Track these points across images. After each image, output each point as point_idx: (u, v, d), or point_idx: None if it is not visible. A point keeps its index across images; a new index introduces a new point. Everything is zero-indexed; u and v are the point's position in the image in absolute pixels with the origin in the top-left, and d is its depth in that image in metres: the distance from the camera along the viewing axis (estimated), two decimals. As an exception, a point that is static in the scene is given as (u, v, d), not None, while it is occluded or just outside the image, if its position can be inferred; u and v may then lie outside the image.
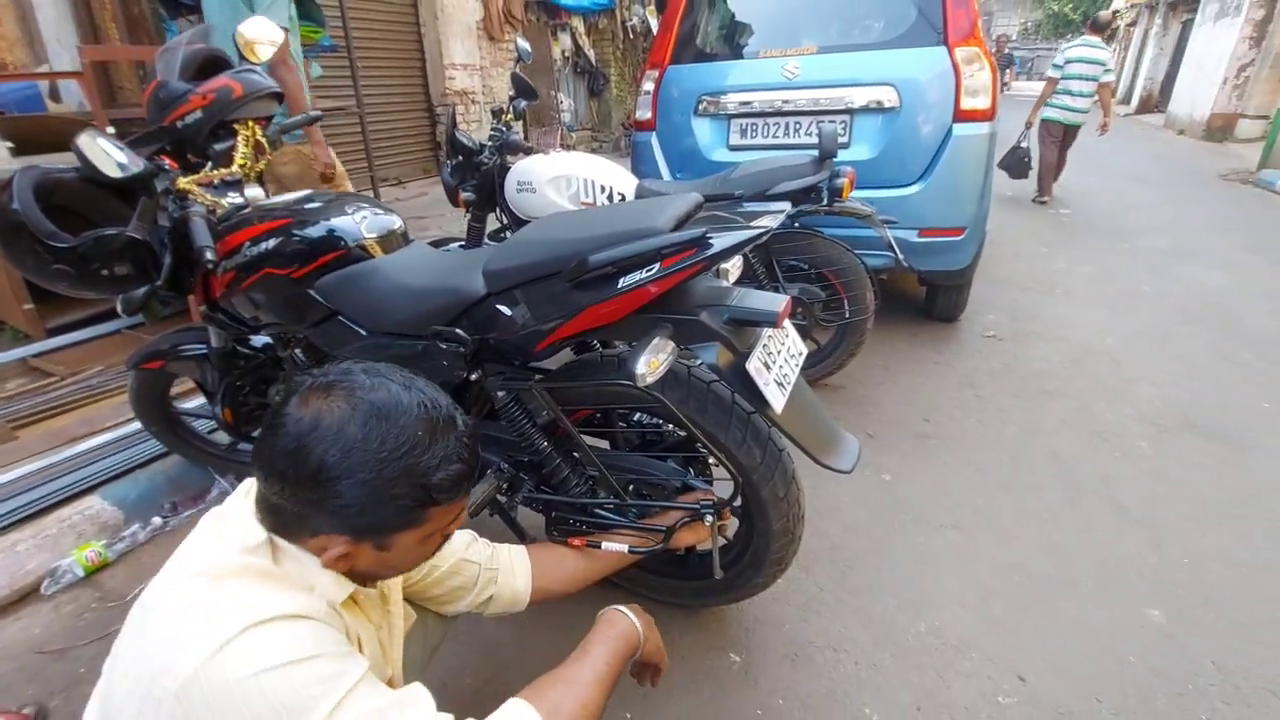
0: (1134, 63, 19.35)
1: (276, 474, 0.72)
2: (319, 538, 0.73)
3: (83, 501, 2.07)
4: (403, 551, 0.78)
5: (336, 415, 0.71)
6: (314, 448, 0.70)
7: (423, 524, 0.76)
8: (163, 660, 0.63)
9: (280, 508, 0.74)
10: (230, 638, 0.63)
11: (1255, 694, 1.43)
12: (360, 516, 0.72)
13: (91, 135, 1.26)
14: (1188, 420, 2.53)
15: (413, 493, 0.73)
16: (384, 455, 0.71)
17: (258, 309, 1.57)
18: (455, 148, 2.73)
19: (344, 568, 0.76)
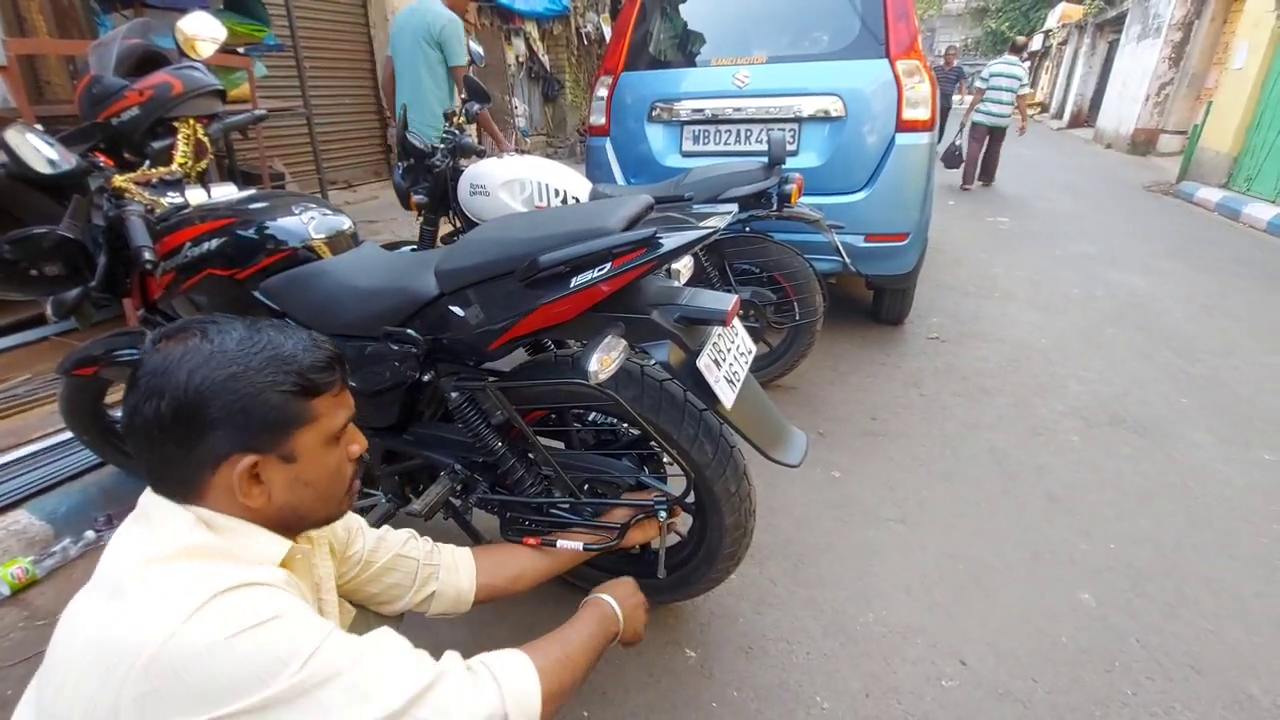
0: (1065, 80, 20.43)
1: (152, 430, 0.70)
2: (219, 471, 0.72)
3: (8, 516, 1.96)
4: (311, 461, 0.77)
5: (186, 346, 0.71)
6: (173, 378, 0.69)
7: (313, 419, 0.76)
8: (125, 639, 0.62)
9: (174, 467, 0.72)
10: (196, 607, 0.63)
11: (1176, 668, 1.53)
12: (245, 422, 0.71)
13: (20, 130, 1.21)
14: (1113, 414, 2.69)
15: (287, 379, 0.73)
16: (240, 359, 0.72)
17: (199, 312, 1.52)
18: (407, 149, 2.70)
19: (260, 499, 0.74)
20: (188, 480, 0.72)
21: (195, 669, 0.61)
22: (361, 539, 1.06)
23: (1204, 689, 1.48)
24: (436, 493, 1.36)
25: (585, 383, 1.07)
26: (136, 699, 0.60)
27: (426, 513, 1.33)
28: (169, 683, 0.60)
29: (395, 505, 1.53)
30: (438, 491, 1.36)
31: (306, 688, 0.65)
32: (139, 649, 0.60)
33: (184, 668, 0.61)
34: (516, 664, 0.85)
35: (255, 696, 0.62)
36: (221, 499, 0.73)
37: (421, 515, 1.33)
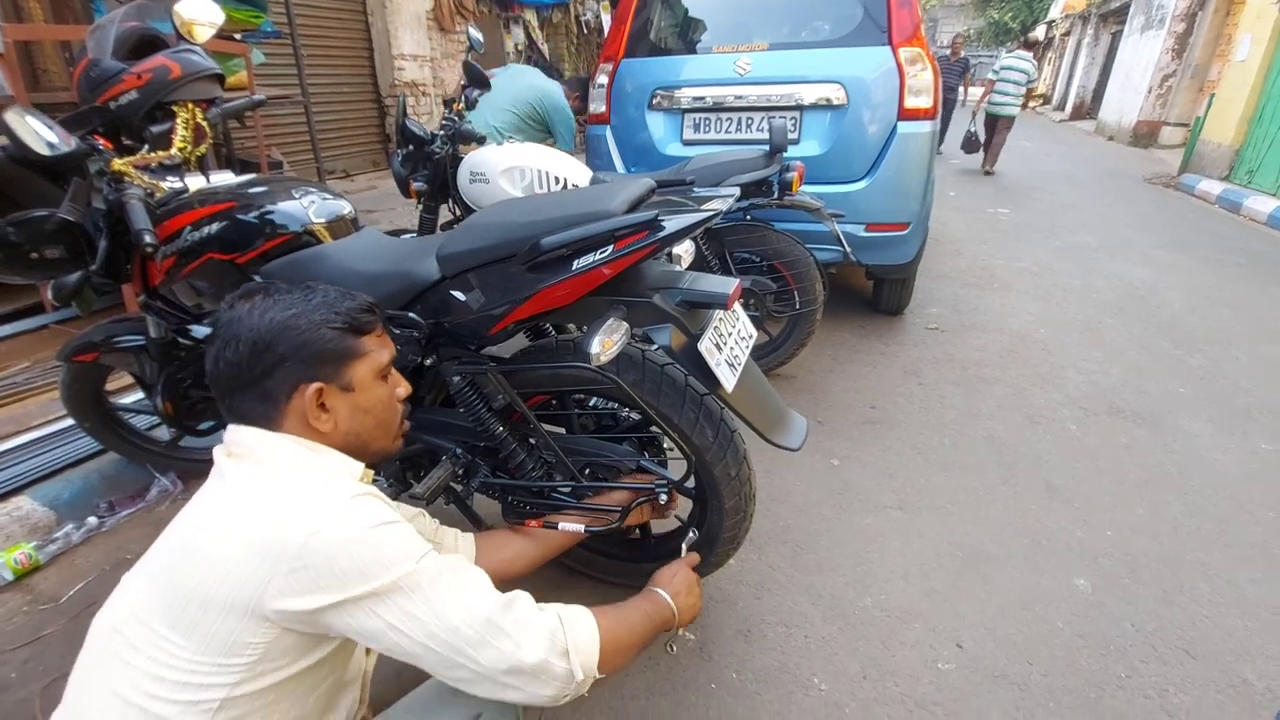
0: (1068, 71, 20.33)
1: (235, 370, 0.83)
2: (293, 399, 0.85)
3: (10, 502, 1.96)
4: (366, 390, 0.90)
5: (252, 303, 0.87)
6: (246, 323, 0.84)
7: (363, 353, 0.90)
8: (281, 528, 0.74)
9: (255, 401, 0.85)
10: (340, 504, 0.77)
11: (1170, 652, 1.55)
12: (308, 354, 0.85)
13: (19, 112, 1.21)
14: (1111, 404, 2.70)
15: (337, 318, 0.87)
16: (299, 304, 0.87)
17: (200, 296, 1.52)
18: (406, 137, 2.69)
19: (328, 423, 0.87)
20: (268, 411, 0.85)
21: (339, 553, 0.74)
22: None
23: (1198, 673, 1.49)
24: (438, 476, 1.36)
25: (587, 366, 1.07)
26: (288, 573, 0.72)
27: (429, 496, 1.34)
28: (317, 561, 0.73)
29: (397, 489, 1.53)
30: (439, 475, 1.36)
31: (420, 580, 0.77)
32: (295, 534, 0.73)
33: (330, 552, 0.73)
34: (580, 613, 0.91)
35: (382, 580, 0.75)
36: (297, 425, 0.86)
37: (424, 498, 1.33)
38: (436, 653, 0.78)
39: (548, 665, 0.82)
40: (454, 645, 0.78)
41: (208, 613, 0.72)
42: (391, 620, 0.76)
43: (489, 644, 0.79)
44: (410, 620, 0.76)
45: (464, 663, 0.78)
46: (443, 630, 0.77)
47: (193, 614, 0.73)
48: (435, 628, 0.77)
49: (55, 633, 1.62)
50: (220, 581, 0.72)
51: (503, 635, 0.80)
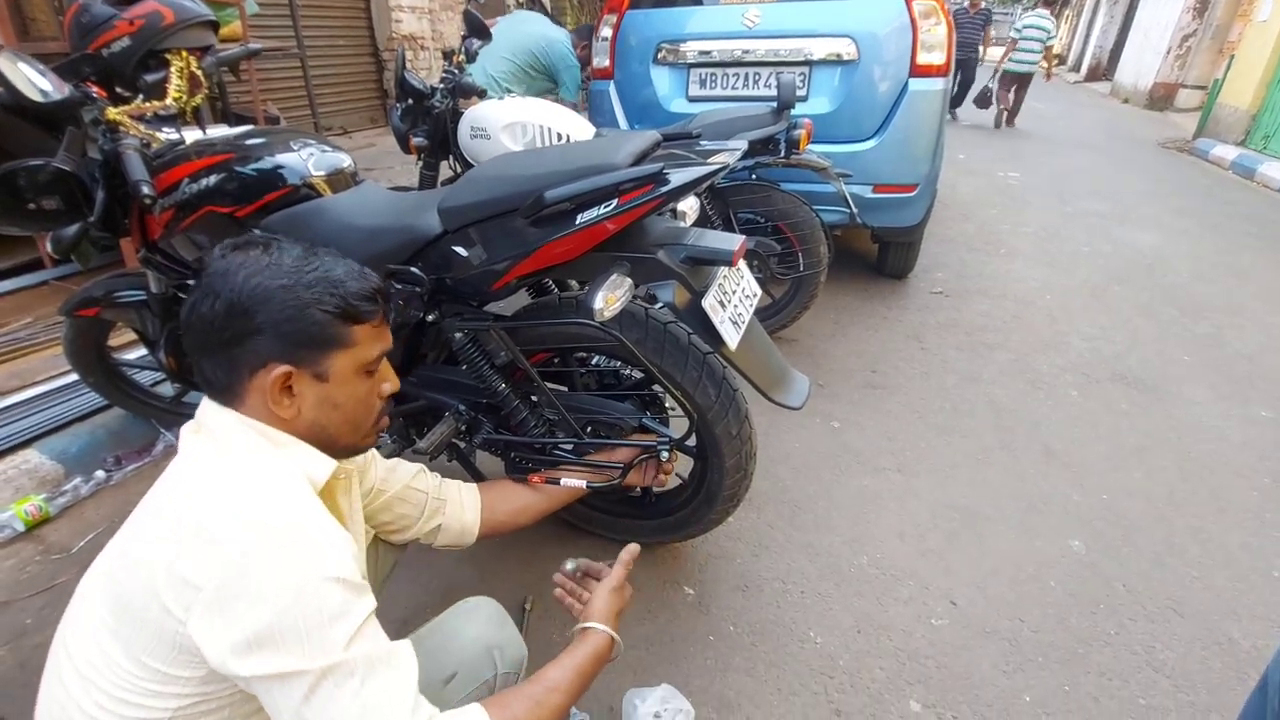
0: (1085, 30, 19.73)
1: (207, 327, 0.74)
2: (256, 376, 0.75)
3: (18, 456, 1.99)
4: (342, 384, 0.80)
5: (247, 255, 0.76)
6: (230, 280, 0.74)
7: (350, 343, 0.79)
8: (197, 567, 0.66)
9: (219, 368, 0.76)
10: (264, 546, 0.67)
11: (1159, 611, 1.58)
12: (288, 332, 0.75)
13: (10, 57, 1.18)
14: (1114, 371, 2.70)
15: (332, 300, 0.77)
16: (293, 273, 0.76)
17: (200, 251, 1.51)
18: (405, 90, 2.63)
19: (289, 410, 0.77)
20: (230, 383, 0.77)
21: (249, 613, 0.65)
22: (374, 469, 1.09)
23: (1185, 630, 1.53)
24: (441, 432, 1.37)
25: (590, 322, 1.07)
26: (200, 616, 0.65)
27: (431, 451, 1.35)
28: (245, 592, 0.65)
29: (401, 445, 1.55)
30: (442, 431, 1.38)
31: (350, 670, 0.67)
32: (211, 578, 0.65)
33: (258, 591, 0.65)
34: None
35: (312, 662, 0.66)
36: (257, 405, 0.77)
37: (427, 454, 1.34)
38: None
39: None
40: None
41: (145, 628, 0.67)
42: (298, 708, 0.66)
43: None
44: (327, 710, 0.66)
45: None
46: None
47: (132, 627, 0.68)
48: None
49: (68, 582, 1.66)
50: (154, 594, 0.66)
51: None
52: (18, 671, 1.43)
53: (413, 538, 1.15)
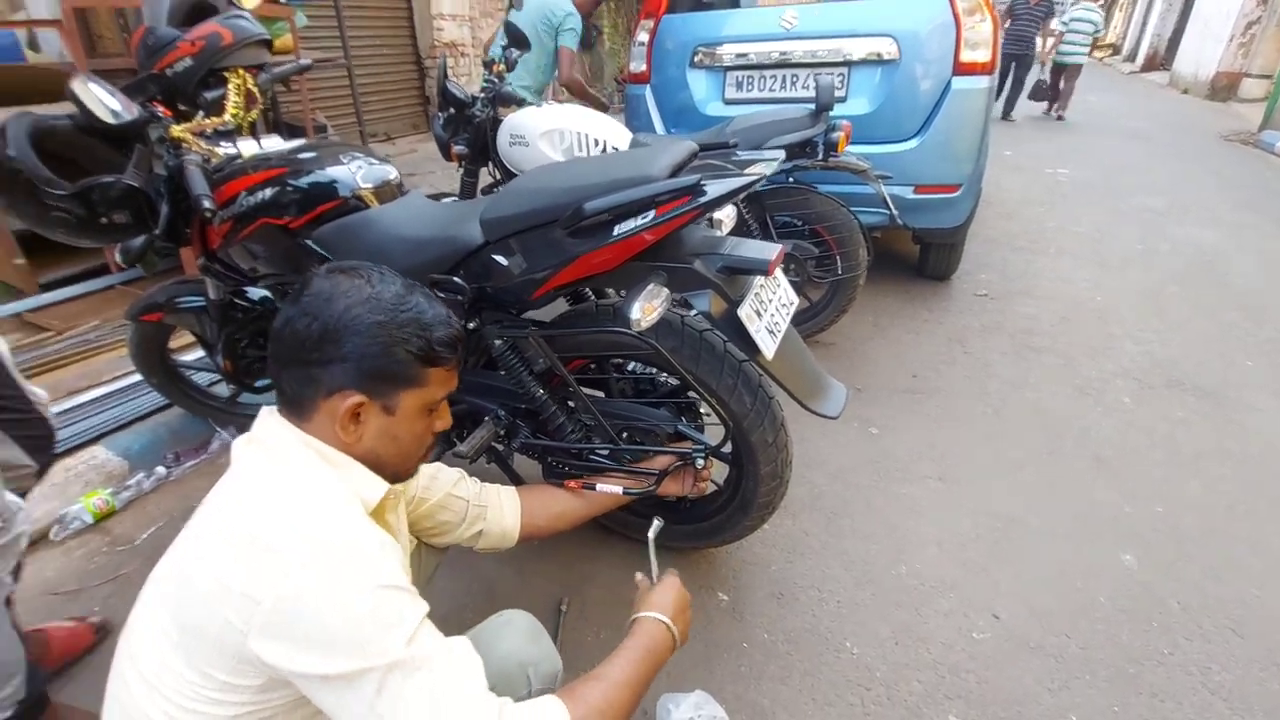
0: (1141, 18, 18.90)
1: (297, 343, 0.78)
2: (331, 398, 0.79)
3: (87, 452, 2.10)
4: (406, 420, 0.83)
5: (352, 283, 0.81)
6: (332, 305, 0.78)
7: (423, 384, 0.83)
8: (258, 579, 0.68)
9: (298, 383, 0.80)
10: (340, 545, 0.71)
11: (1216, 631, 1.52)
12: (371, 365, 0.78)
13: (84, 81, 1.25)
14: (1170, 376, 2.59)
15: (418, 343, 0.80)
16: (390, 310, 0.80)
17: (255, 260, 1.58)
18: (447, 99, 2.69)
19: (352, 436, 0.81)
20: (303, 399, 0.80)
21: (325, 609, 0.68)
22: (416, 478, 1.12)
23: (1243, 651, 1.46)
24: (481, 436, 1.41)
25: (627, 331, 1.09)
26: (261, 628, 0.67)
27: (472, 455, 1.38)
28: (302, 610, 0.67)
29: (442, 448, 1.59)
30: (482, 435, 1.41)
31: (417, 664, 0.70)
32: (270, 591, 0.67)
33: (315, 605, 0.68)
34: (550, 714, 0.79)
35: (372, 660, 0.68)
36: (322, 425, 0.80)
37: (467, 457, 1.38)
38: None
39: None
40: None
41: (207, 642, 0.69)
42: (372, 702, 0.68)
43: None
44: (400, 704, 0.68)
45: None
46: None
47: (195, 641, 0.70)
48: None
49: (133, 572, 1.75)
50: (214, 614, 0.69)
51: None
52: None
53: (454, 542, 1.19)
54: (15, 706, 1.10)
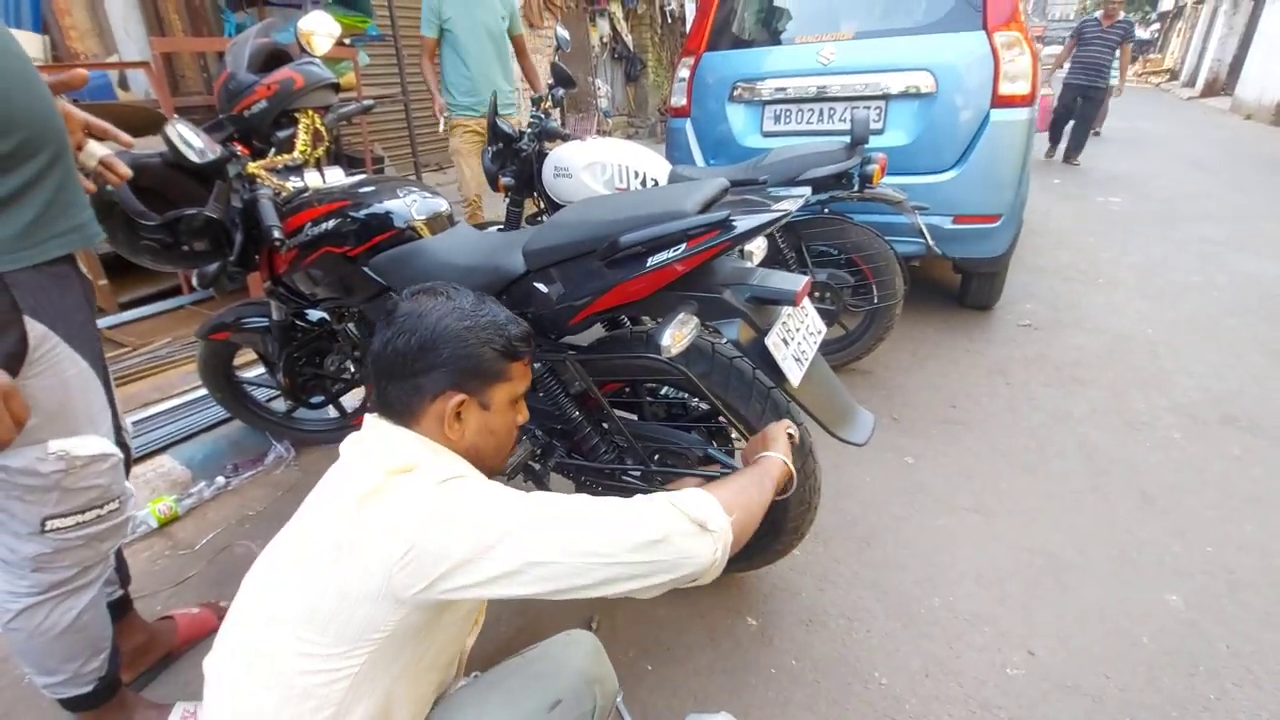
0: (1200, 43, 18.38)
1: (399, 358, 0.90)
2: (436, 401, 0.90)
3: (155, 460, 2.26)
4: (499, 413, 0.96)
5: (435, 300, 0.94)
6: (424, 320, 0.91)
7: (508, 378, 0.96)
8: (390, 522, 0.79)
9: (404, 392, 0.91)
10: (431, 489, 0.82)
11: (1269, 677, 1.45)
12: (465, 366, 0.91)
13: (175, 123, 1.40)
14: (1225, 413, 2.50)
15: (498, 341, 0.93)
16: (472, 316, 0.93)
17: (316, 285, 1.70)
18: (496, 134, 2.84)
19: (457, 433, 0.91)
20: (411, 405, 0.91)
21: (444, 531, 0.78)
22: None
23: (1300, 702, 1.40)
24: (518, 455, 1.47)
25: (658, 357, 1.14)
26: (402, 566, 0.77)
27: (510, 472, 1.45)
28: (427, 548, 0.78)
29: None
30: (519, 454, 1.47)
31: (530, 519, 0.81)
32: (403, 529, 0.78)
33: (435, 533, 0.78)
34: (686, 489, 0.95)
35: (492, 535, 0.79)
36: (430, 426, 0.91)
37: (505, 474, 1.44)
38: (565, 566, 0.80)
39: (673, 529, 0.85)
40: (581, 551, 0.80)
41: (343, 604, 0.78)
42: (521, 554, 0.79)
43: (609, 535, 0.82)
44: (538, 549, 0.80)
45: (595, 564, 0.81)
46: (570, 542, 0.81)
47: (329, 606, 0.78)
48: (564, 543, 0.81)
49: (194, 576, 1.87)
50: (352, 580, 0.78)
51: (618, 524, 0.83)
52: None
53: None
54: (96, 682, 1.20)
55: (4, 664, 1.55)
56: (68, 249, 0.98)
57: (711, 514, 0.89)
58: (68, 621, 1.11)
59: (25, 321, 0.91)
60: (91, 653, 1.18)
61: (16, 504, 1.00)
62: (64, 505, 1.02)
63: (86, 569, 1.12)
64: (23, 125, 0.89)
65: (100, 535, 1.10)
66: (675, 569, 0.85)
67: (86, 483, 1.04)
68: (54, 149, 0.95)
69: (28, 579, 1.06)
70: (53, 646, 1.12)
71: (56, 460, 0.98)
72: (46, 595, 1.08)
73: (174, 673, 1.55)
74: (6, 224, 0.88)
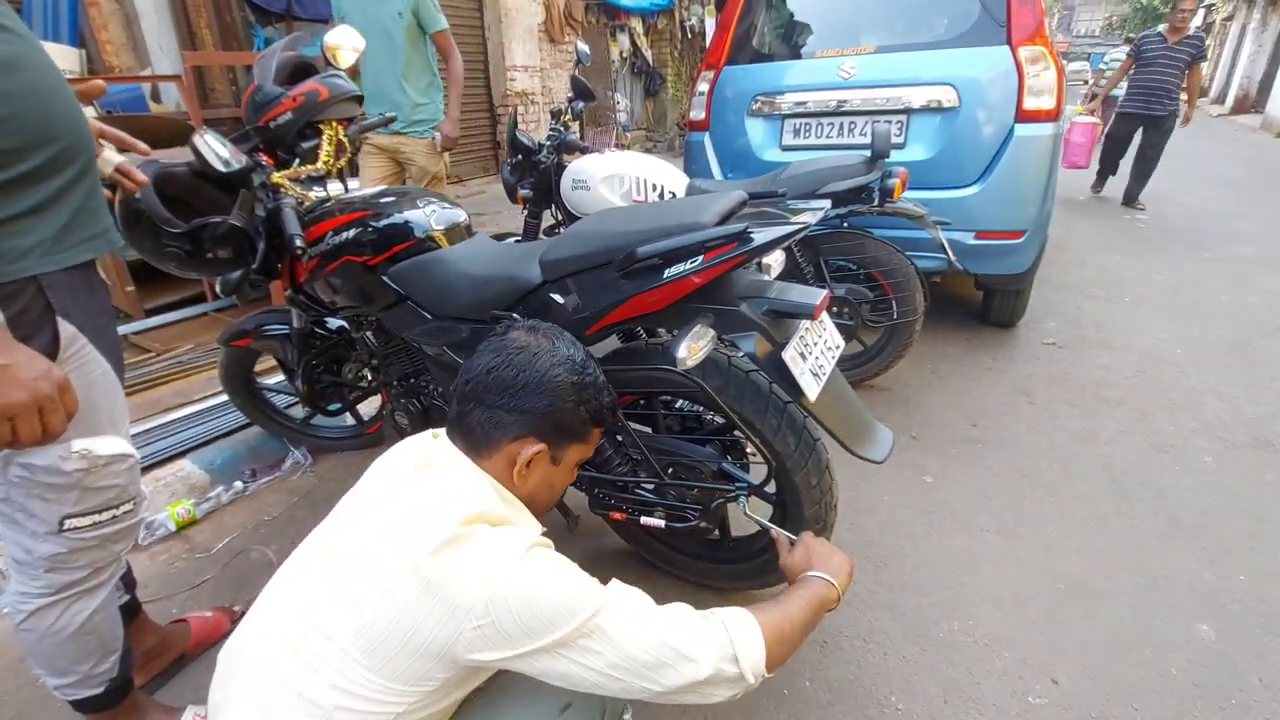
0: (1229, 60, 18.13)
1: (498, 388, 0.90)
2: (515, 443, 0.90)
3: (175, 464, 2.28)
4: (563, 470, 0.97)
5: (550, 344, 0.95)
6: (539, 362, 0.92)
7: (585, 441, 0.97)
8: (467, 581, 0.78)
9: (488, 424, 0.90)
10: (517, 558, 0.80)
11: (1306, 714, 1.39)
12: (556, 419, 0.92)
13: (202, 134, 1.43)
14: (1258, 435, 2.42)
15: (589, 404, 0.95)
16: (580, 373, 0.94)
17: (336, 293, 1.72)
18: (515, 147, 2.86)
19: (521, 478, 0.91)
20: (491, 437, 0.91)
21: (522, 609, 0.78)
22: None
23: (1341, 740, 1.33)
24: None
25: (673, 369, 1.13)
26: (474, 629, 0.77)
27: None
28: (501, 617, 0.77)
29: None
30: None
31: (600, 623, 0.81)
32: (479, 592, 0.77)
33: (513, 608, 0.77)
34: (742, 618, 0.92)
35: (564, 630, 0.79)
36: (499, 465, 0.91)
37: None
38: (619, 680, 0.82)
39: (720, 674, 0.85)
40: (635, 671, 0.82)
41: (403, 653, 0.77)
42: (575, 659, 0.81)
43: (666, 666, 0.83)
44: (593, 657, 0.81)
45: (646, 685, 0.83)
46: (623, 661, 0.82)
47: (388, 651, 0.77)
48: (616, 659, 0.82)
49: (210, 580, 1.88)
50: (414, 629, 0.77)
51: (677, 656, 0.83)
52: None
53: None
54: (107, 684, 1.20)
55: (18, 665, 1.57)
56: (95, 253, 1.00)
57: (757, 664, 0.88)
58: (79, 623, 1.12)
59: (58, 322, 0.93)
60: (103, 654, 1.18)
61: (37, 502, 1.01)
62: (83, 504, 1.04)
63: (99, 570, 1.12)
64: (63, 135, 0.92)
65: (114, 536, 1.11)
66: (699, 697, 0.86)
67: (106, 482, 1.05)
68: (86, 158, 0.97)
69: (41, 579, 1.07)
70: (64, 648, 1.13)
71: (79, 459, 0.99)
72: (59, 596, 1.09)
73: (187, 676, 1.55)
74: (43, 228, 0.91)
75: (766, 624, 0.92)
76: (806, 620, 0.98)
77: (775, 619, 0.94)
